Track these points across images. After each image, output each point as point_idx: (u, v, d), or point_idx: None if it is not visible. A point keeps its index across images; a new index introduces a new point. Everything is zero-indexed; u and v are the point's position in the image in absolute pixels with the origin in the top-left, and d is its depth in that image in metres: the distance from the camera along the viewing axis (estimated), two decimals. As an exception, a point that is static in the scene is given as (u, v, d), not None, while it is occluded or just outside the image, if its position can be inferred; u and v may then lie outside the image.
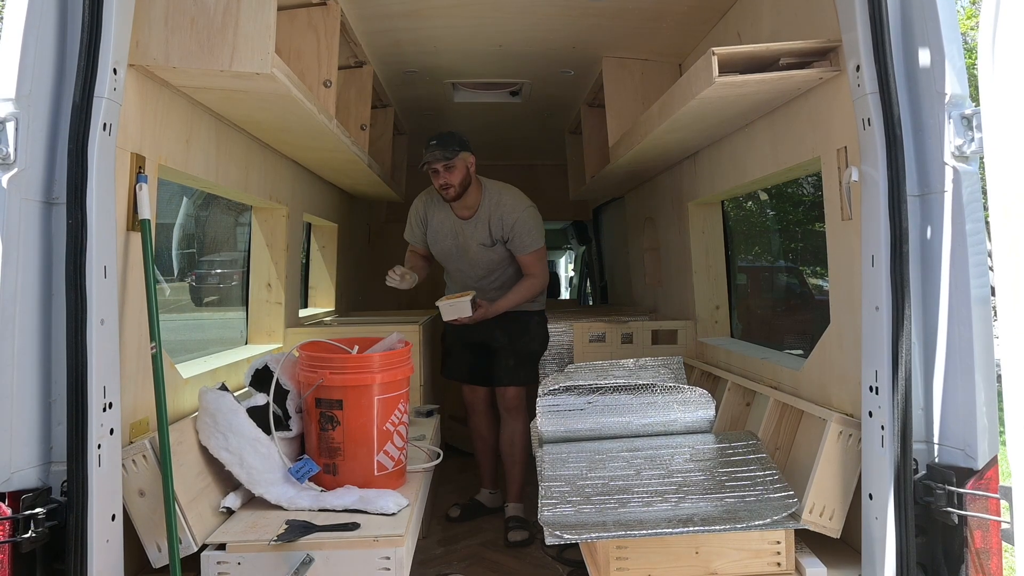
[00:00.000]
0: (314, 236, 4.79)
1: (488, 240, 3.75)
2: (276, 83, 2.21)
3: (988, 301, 1.78)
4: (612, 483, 2.29)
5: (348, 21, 3.19)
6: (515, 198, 3.74)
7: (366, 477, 2.39)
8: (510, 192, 3.77)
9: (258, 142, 3.10)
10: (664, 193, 4.22)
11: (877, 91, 1.84)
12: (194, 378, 2.55)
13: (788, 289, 7.34)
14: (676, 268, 4.07)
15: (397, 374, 2.46)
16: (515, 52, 3.76)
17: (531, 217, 3.71)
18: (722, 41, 3.08)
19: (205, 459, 2.25)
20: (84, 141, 1.66)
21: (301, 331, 3.59)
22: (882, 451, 1.83)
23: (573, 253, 11.22)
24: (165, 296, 5.07)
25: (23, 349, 1.61)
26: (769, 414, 2.52)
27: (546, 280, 3.85)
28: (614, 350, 3.74)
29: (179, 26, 2.04)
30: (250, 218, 3.58)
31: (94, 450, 1.64)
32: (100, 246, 1.69)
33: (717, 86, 2.32)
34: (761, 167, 2.84)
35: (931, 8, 1.80)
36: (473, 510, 4.05)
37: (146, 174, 2.07)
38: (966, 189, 1.77)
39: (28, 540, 1.55)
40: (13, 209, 1.60)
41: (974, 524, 1.72)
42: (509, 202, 3.70)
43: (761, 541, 2.07)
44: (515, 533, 3.69)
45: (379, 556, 2.03)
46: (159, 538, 1.97)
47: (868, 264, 1.90)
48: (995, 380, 1.76)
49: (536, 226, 3.73)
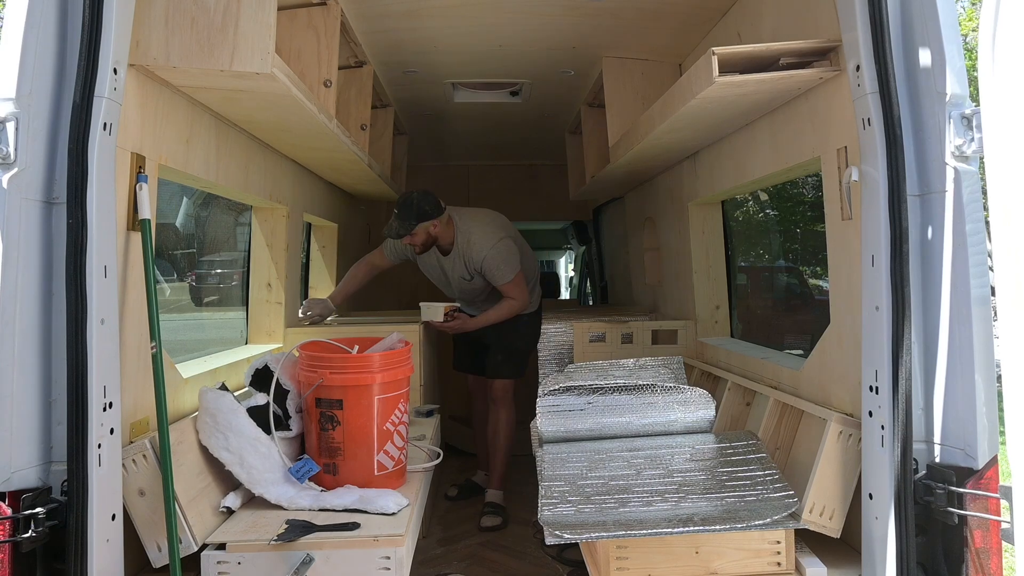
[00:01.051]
0: (314, 236, 4.79)
1: (467, 275, 3.98)
2: (276, 83, 2.21)
3: (988, 301, 1.78)
4: (612, 483, 2.29)
5: (348, 21, 3.19)
6: (483, 236, 3.89)
7: (366, 477, 2.39)
8: (479, 229, 3.91)
9: (258, 142, 3.10)
10: (664, 193, 4.22)
11: (877, 91, 1.84)
12: (194, 378, 2.55)
13: (788, 289, 7.33)
14: (676, 268, 4.07)
15: (397, 374, 2.46)
16: (515, 52, 3.76)
17: (499, 253, 3.87)
18: (722, 41, 3.08)
19: (205, 459, 2.25)
20: (84, 141, 1.66)
21: (301, 331, 3.59)
22: (882, 451, 1.83)
23: (573, 253, 11.21)
24: (165, 296, 5.07)
25: (23, 349, 1.61)
26: (769, 414, 2.52)
27: (525, 301, 4.05)
28: (614, 350, 3.74)
29: (179, 26, 2.04)
30: (250, 218, 3.58)
31: (94, 450, 1.64)
32: (100, 246, 1.69)
33: (717, 86, 2.32)
34: (761, 167, 2.84)
35: (931, 8, 1.80)
36: (469, 490, 4.38)
37: (146, 174, 2.07)
38: (966, 189, 1.77)
39: (28, 540, 1.55)
40: (13, 209, 1.60)
41: (974, 524, 1.72)
42: (477, 242, 3.88)
43: (761, 541, 2.07)
44: (488, 519, 3.93)
45: (379, 556, 2.03)
46: (159, 538, 1.97)
47: (868, 264, 1.90)
48: (995, 380, 1.76)
49: (505, 259, 3.88)
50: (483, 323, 3.98)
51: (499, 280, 3.91)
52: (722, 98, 2.51)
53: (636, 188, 4.94)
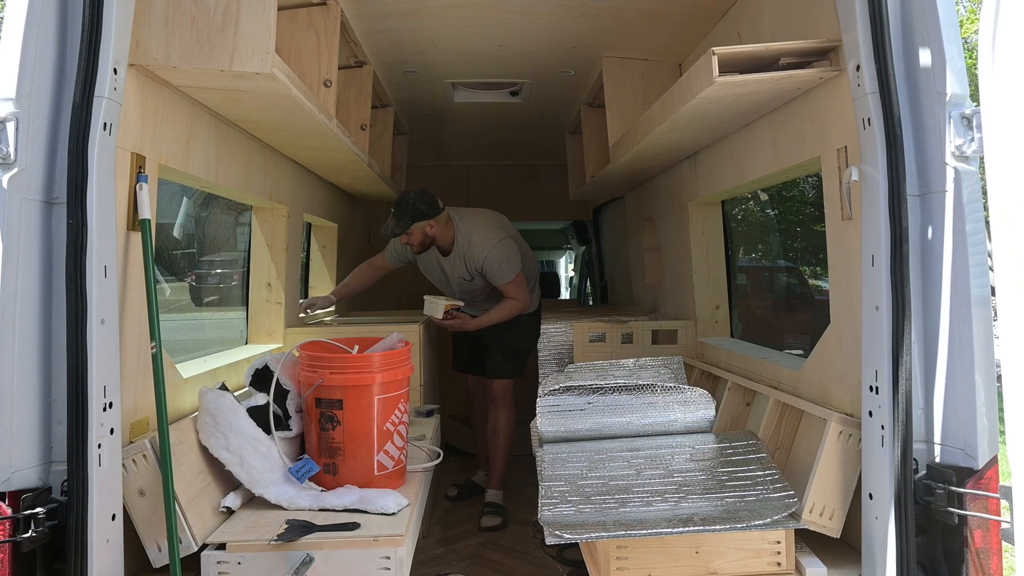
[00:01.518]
0: (314, 236, 4.79)
1: (467, 275, 3.98)
2: (276, 83, 2.21)
3: (988, 301, 1.78)
4: (612, 483, 2.29)
5: (348, 21, 3.19)
6: (483, 237, 3.89)
7: (366, 477, 2.39)
8: (480, 229, 3.91)
9: (258, 142, 3.10)
10: (664, 193, 4.22)
11: (877, 91, 1.84)
12: (194, 378, 2.55)
13: (788, 289, 7.33)
14: (676, 268, 4.06)
15: (397, 374, 2.46)
16: (515, 52, 3.76)
17: (499, 254, 3.87)
18: (722, 41, 3.08)
19: (205, 459, 2.25)
20: (84, 141, 1.66)
21: (301, 331, 3.59)
22: (882, 451, 1.83)
23: (573, 253, 11.20)
24: (165, 296, 5.07)
25: (23, 349, 1.61)
26: (769, 414, 2.52)
27: (526, 302, 4.05)
28: (614, 350, 3.74)
29: (179, 26, 2.04)
30: (250, 218, 3.58)
31: (94, 450, 1.64)
32: (100, 246, 1.69)
33: (717, 86, 2.32)
34: (761, 167, 2.84)
35: (931, 8, 1.80)
36: (469, 490, 4.38)
37: (146, 174, 2.07)
38: (966, 189, 1.77)
39: (28, 540, 1.55)
40: (13, 209, 1.60)
41: (974, 524, 1.72)
42: (477, 243, 3.88)
43: (761, 541, 2.07)
44: (488, 519, 3.93)
45: (379, 556, 2.03)
46: (159, 538, 1.97)
47: (868, 264, 1.90)
48: (995, 380, 1.76)
49: (506, 260, 3.88)
50: (484, 323, 3.98)
51: (500, 280, 3.91)
52: (722, 98, 2.51)
53: (636, 188, 4.94)
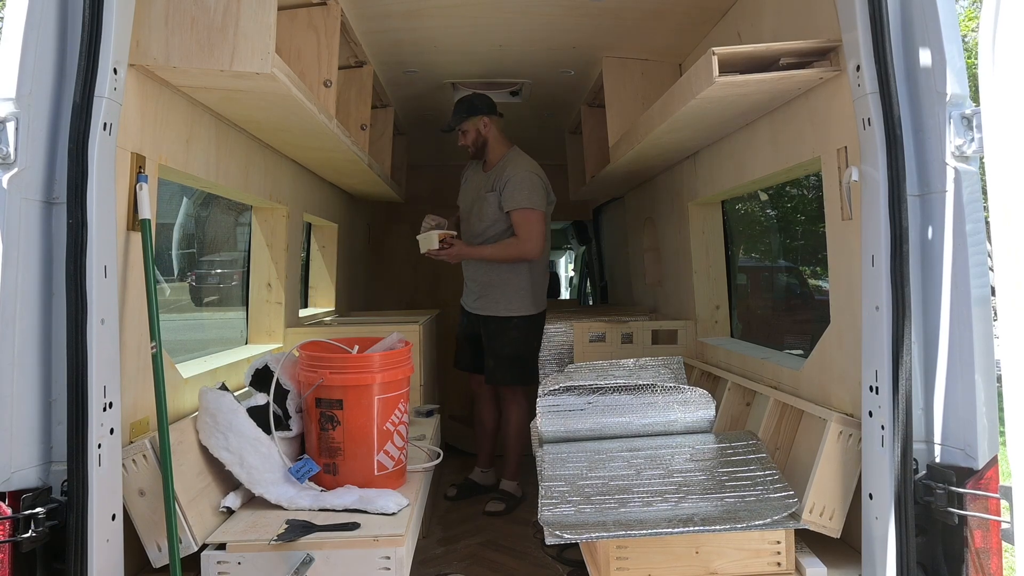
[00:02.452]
0: (314, 236, 4.79)
1: (489, 187, 4.04)
2: (276, 83, 2.21)
3: (988, 301, 1.77)
4: (612, 483, 2.29)
5: (348, 21, 3.19)
6: (524, 161, 4.02)
7: (366, 477, 2.39)
8: (524, 158, 4.05)
9: (258, 142, 3.10)
10: (664, 193, 4.22)
11: (877, 91, 1.84)
12: (194, 378, 2.55)
13: (788, 289, 7.34)
14: (676, 268, 4.06)
15: (397, 374, 2.46)
16: (515, 52, 3.76)
17: (527, 178, 3.92)
18: (722, 41, 3.08)
19: (205, 459, 2.25)
20: (84, 141, 1.66)
21: (301, 331, 3.59)
22: (882, 451, 1.83)
23: (573, 253, 11.21)
24: (165, 296, 5.07)
25: (23, 349, 1.61)
26: (769, 414, 2.52)
27: (533, 246, 3.92)
28: (614, 350, 3.74)
29: (179, 26, 2.04)
30: (250, 218, 3.58)
31: (94, 450, 1.64)
32: (100, 246, 1.69)
33: (717, 86, 2.32)
34: (761, 167, 2.84)
35: (931, 8, 1.80)
36: (468, 489, 4.37)
37: (146, 174, 2.07)
38: (966, 189, 1.77)
39: (28, 540, 1.55)
40: (13, 209, 1.60)
41: (974, 524, 1.72)
42: (516, 161, 4.01)
43: (761, 541, 2.07)
44: (492, 504, 4.04)
45: (379, 556, 2.03)
46: (159, 538, 1.97)
47: (868, 264, 1.90)
48: (995, 380, 1.76)
49: (529, 187, 3.90)
50: (481, 253, 3.97)
51: (513, 203, 3.87)
52: (722, 98, 2.51)
53: (636, 188, 4.93)
